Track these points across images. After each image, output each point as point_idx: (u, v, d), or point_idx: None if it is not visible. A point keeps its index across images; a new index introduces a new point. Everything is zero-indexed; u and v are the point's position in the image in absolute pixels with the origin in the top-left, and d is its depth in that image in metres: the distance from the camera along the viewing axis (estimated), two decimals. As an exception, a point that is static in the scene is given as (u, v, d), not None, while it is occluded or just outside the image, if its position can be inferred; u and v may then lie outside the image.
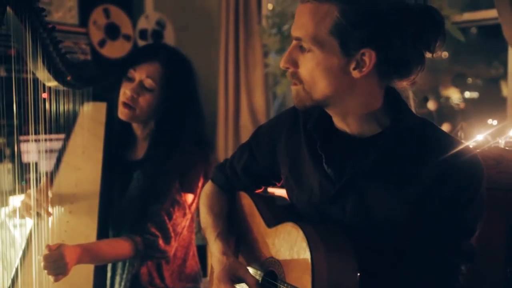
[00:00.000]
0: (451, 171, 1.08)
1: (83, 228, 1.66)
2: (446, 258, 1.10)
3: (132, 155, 1.81)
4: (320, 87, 1.12)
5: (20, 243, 1.67)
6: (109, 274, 1.74)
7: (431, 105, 2.30)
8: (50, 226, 1.59)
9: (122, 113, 1.69)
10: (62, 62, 1.56)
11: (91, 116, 1.83)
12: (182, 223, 1.73)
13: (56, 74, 1.56)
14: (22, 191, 2.43)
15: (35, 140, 2.64)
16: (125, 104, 1.68)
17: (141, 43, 3.25)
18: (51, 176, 1.72)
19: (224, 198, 1.48)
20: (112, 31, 3.07)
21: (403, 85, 1.18)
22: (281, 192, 1.49)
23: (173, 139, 1.73)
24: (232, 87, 3.51)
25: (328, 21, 1.07)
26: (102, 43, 3.01)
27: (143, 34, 3.26)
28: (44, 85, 1.57)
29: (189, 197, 1.73)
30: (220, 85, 3.53)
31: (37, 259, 1.49)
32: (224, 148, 3.57)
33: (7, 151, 2.62)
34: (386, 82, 1.16)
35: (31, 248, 1.54)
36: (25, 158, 2.67)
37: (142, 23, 3.27)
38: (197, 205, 1.74)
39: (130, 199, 1.73)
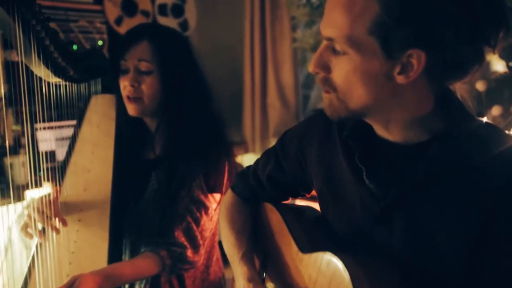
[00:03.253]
0: None
1: (95, 238, 1.50)
2: None
3: (149, 154, 1.63)
4: (358, 95, 0.92)
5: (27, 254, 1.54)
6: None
7: (480, 85, 2.05)
8: (56, 237, 1.45)
9: (131, 108, 1.51)
10: (63, 56, 1.38)
11: (100, 110, 1.66)
12: (210, 227, 1.56)
13: (57, 70, 1.39)
14: (37, 183, 2.31)
15: (51, 127, 2.52)
16: (130, 98, 1.50)
17: (160, 19, 3.05)
18: (58, 181, 1.56)
19: (247, 210, 1.31)
20: (129, 7, 2.87)
21: (457, 85, 0.97)
22: (310, 204, 1.31)
23: (185, 123, 1.53)
24: (258, 62, 3.31)
25: (367, 18, 0.86)
26: (119, 21, 2.82)
27: (162, 9, 3.06)
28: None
29: (217, 197, 1.55)
30: (246, 61, 3.33)
31: (41, 277, 1.35)
32: (251, 128, 3.39)
33: (23, 140, 2.50)
34: (438, 85, 0.95)
35: (36, 265, 1.40)
36: (41, 147, 2.55)
37: (162, -3, 3.06)
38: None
39: (148, 202, 1.56)
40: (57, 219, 1.42)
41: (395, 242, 0.98)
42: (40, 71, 1.36)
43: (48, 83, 1.43)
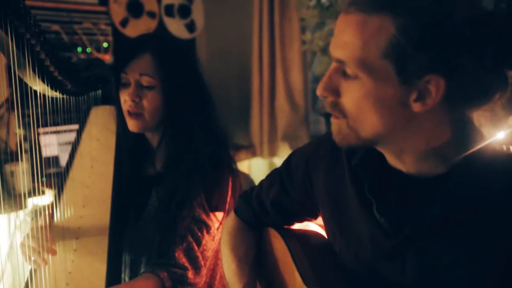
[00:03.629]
0: None
1: (93, 257, 1.44)
2: None
3: (149, 169, 1.56)
4: (370, 123, 0.85)
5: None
6: None
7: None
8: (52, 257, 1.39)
9: (131, 124, 1.45)
10: (60, 69, 1.32)
11: (100, 122, 1.60)
12: (212, 247, 1.49)
13: (54, 84, 1.33)
14: (39, 191, 2.26)
15: (54, 132, 2.46)
16: (131, 114, 1.43)
17: (167, 20, 2.98)
18: (61, 187, 1.50)
19: (251, 236, 1.24)
20: (135, 9, 2.81)
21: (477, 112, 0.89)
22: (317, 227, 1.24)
23: (187, 139, 1.47)
24: (267, 65, 3.23)
25: (381, 40, 0.79)
26: (124, 23, 2.75)
27: (169, 9, 2.99)
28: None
29: (219, 216, 1.48)
30: (254, 63, 3.26)
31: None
32: (259, 131, 3.32)
33: (26, 145, 2.45)
34: (457, 113, 0.87)
35: (33, 285, 1.35)
36: (45, 152, 2.51)
37: (168, -2, 2.99)
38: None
39: (148, 220, 1.50)
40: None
41: (408, 280, 0.91)
42: (36, 85, 1.30)
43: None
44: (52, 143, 2.42)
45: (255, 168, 3.45)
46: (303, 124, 3.31)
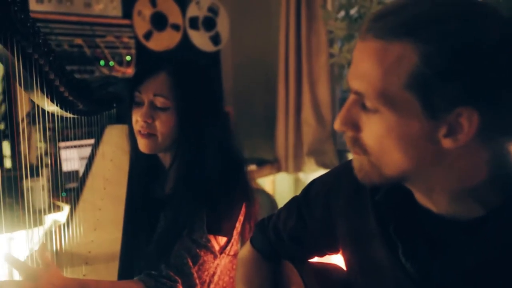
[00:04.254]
0: None
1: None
2: None
3: (160, 191, 1.50)
4: (394, 160, 0.75)
5: None
6: None
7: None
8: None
9: (142, 145, 1.38)
10: (70, 90, 1.27)
11: (114, 142, 1.55)
12: (210, 269, 1.40)
13: (64, 105, 1.29)
14: (57, 208, 2.23)
15: (74, 146, 2.43)
16: (142, 134, 1.37)
17: (191, 33, 2.93)
18: (69, 218, 1.45)
19: (266, 268, 1.16)
20: (159, 21, 2.77)
21: None
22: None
23: (200, 161, 1.39)
24: (293, 78, 3.16)
25: (403, 70, 0.70)
26: (148, 35, 2.72)
27: (193, 22, 2.94)
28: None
29: (221, 240, 1.41)
30: (280, 76, 3.18)
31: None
32: (285, 145, 3.24)
33: (46, 160, 2.42)
34: (494, 149, 0.77)
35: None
36: (65, 166, 2.48)
37: (193, 10, 2.94)
38: (236, 251, 1.42)
39: (156, 243, 1.43)
40: None
41: None
42: (45, 105, 1.25)
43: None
44: (73, 157, 2.39)
45: (280, 183, 3.37)
46: (330, 139, 3.21)
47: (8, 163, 2.15)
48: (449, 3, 0.72)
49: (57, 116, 1.33)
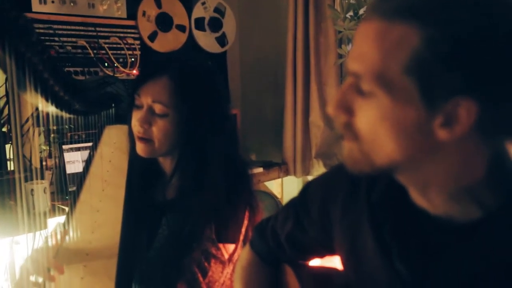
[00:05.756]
0: None
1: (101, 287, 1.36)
2: None
3: (160, 195, 1.47)
4: (385, 149, 0.72)
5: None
6: None
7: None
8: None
9: (139, 148, 1.35)
10: (65, 89, 1.25)
11: (113, 143, 1.52)
12: (220, 279, 1.38)
13: (59, 104, 1.26)
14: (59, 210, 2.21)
15: (78, 149, 2.42)
16: (139, 138, 1.34)
17: (197, 34, 2.91)
18: (67, 220, 1.43)
19: (265, 272, 1.14)
20: (164, 22, 2.74)
21: None
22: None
23: (203, 169, 1.36)
24: (301, 79, 3.11)
25: (404, 52, 0.67)
26: (152, 37, 2.70)
27: (199, 23, 2.92)
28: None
29: (229, 248, 1.38)
30: (288, 77, 3.14)
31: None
32: (292, 148, 3.20)
33: (50, 162, 2.41)
34: (492, 146, 0.73)
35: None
36: (69, 169, 2.46)
37: (199, 11, 2.91)
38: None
39: (158, 250, 1.40)
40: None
41: None
42: (38, 102, 1.23)
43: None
44: (77, 159, 2.38)
45: (288, 186, 3.32)
46: (338, 141, 3.16)
47: (10, 166, 2.14)
48: None
49: (60, 118, 1.31)
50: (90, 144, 1.64)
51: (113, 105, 1.49)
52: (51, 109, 1.28)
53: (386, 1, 0.70)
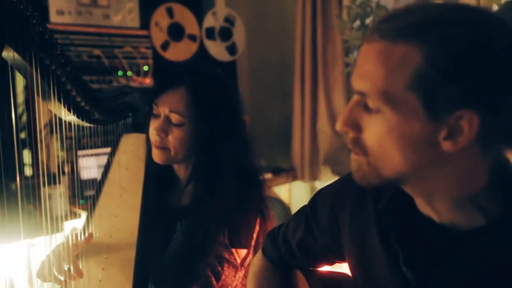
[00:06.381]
0: None
1: (118, 290, 1.42)
2: None
3: (177, 201, 1.52)
4: (393, 162, 0.76)
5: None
6: None
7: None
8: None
9: (156, 155, 1.41)
10: (86, 99, 1.31)
11: (130, 150, 1.58)
12: (233, 283, 1.44)
13: (80, 114, 1.32)
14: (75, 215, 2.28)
15: (94, 155, 2.48)
16: (156, 146, 1.40)
17: (208, 43, 2.97)
18: (87, 224, 1.49)
19: (277, 277, 1.18)
20: (176, 32, 2.81)
21: None
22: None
23: (217, 176, 1.42)
24: (309, 86, 3.17)
25: (407, 70, 0.71)
26: (165, 46, 2.77)
27: (210, 32, 2.98)
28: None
29: (242, 253, 1.43)
30: (296, 85, 3.20)
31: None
32: (300, 154, 3.25)
33: (66, 168, 2.48)
34: (494, 155, 0.78)
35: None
36: (84, 175, 2.53)
37: (209, 21, 2.98)
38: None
39: (173, 255, 1.46)
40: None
41: None
42: (62, 114, 1.29)
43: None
44: (92, 165, 2.44)
45: (296, 192, 3.37)
46: (346, 147, 3.21)
47: (28, 171, 2.20)
48: (457, 10, 0.74)
49: (76, 125, 1.37)
50: (105, 149, 1.70)
51: (130, 114, 1.55)
52: (72, 118, 1.33)
53: (385, 22, 0.75)
